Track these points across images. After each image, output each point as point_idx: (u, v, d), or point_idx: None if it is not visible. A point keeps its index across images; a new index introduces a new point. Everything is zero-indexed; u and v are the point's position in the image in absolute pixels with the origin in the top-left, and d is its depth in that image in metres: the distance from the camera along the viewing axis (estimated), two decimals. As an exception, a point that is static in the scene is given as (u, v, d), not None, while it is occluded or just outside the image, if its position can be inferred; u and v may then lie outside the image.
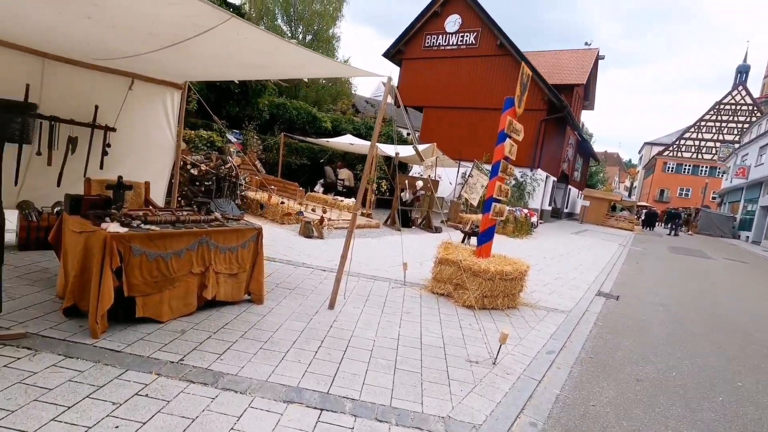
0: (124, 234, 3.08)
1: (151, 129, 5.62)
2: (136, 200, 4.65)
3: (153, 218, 3.48)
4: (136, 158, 5.54)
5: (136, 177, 5.40)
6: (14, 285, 3.70)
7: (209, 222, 3.87)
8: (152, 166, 5.74)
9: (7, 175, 4.46)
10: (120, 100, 5.18)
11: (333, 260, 6.40)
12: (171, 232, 3.39)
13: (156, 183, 5.76)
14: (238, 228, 3.95)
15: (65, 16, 2.82)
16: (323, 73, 4.56)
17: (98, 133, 5.06)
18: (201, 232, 3.61)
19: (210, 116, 13.18)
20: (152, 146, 5.69)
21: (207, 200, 4.07)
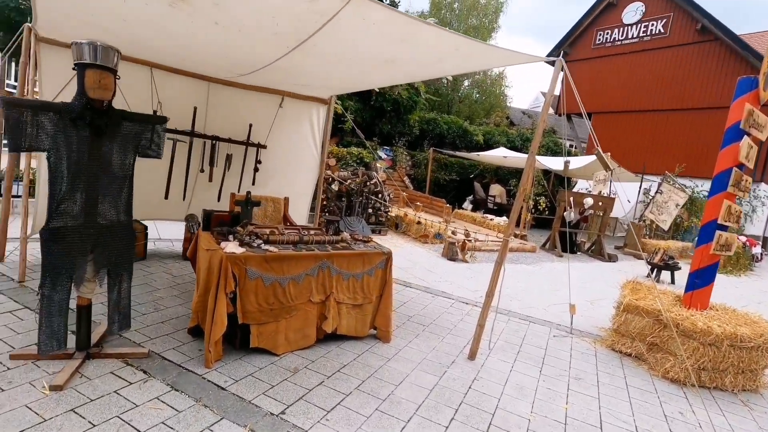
0: (239, 255, 2.80)
1: (297, 145, 5.67)
2: (275, 216, 4.58)
3: (275, 238, 3.17)
4: (283, 174, 5.63)
5: (282, 192, 5.44)
6: (165, 296, 3.86)
7: (334, 243, 3.42)
8: (298, 182, 5.78)
9: (177, 190, 4.90)
10: (271, 118, 5.32)
11: (478, 290, 5.45)
12: (289, 254, 3.01)
13: (300, 198, 5.78)
14: (365, 252, 3.40)
15: (198, 22, 2.70)
16: (473, 65, 3.77)
17: (251, 150, 5.26)
18: (322, 256, 3.16)
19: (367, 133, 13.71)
20: (298, 162, 5.73)
21: (335, 218, 3.66)
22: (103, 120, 2.37)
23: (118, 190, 2.55)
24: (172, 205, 5.11)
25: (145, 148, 2.63)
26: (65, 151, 2.29)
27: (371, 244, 3.64)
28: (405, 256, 6.89)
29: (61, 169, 2.30)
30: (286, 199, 4.67)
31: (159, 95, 4.62)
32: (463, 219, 11.35)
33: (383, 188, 8.52)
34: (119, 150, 2.51)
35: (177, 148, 4.75)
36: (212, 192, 5.22)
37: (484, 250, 8.28)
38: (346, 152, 10.20)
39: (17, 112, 2.09)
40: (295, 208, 5.65)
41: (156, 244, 5.64)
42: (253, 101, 5.21)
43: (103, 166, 2.44)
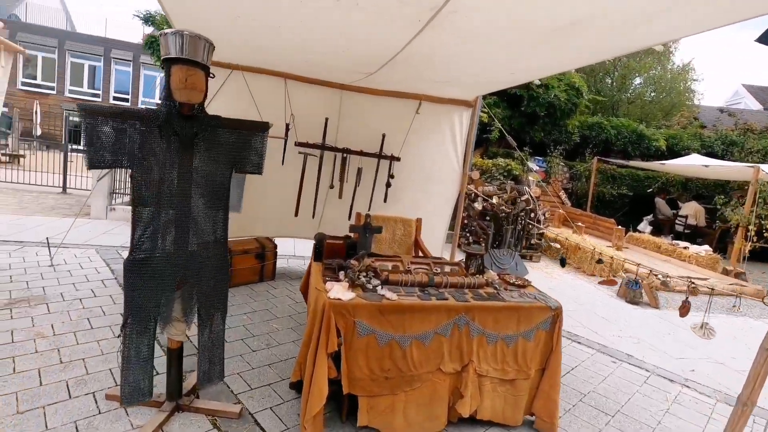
0: (346, 303, 2.08)
1: (435, 156, 4.88)
2: (405, 241, 3.85)
3: (397, 277, 2.39)
4: (418, 190, 4.91)
5: (418, 209, 4.73)
6: (281, 328, 3.45)
7: (476, 288, 2.47)
8: (434, 199, 4.98)
9: (307, 207, 4.59)
10: (406, 127, 4.65)
11: (685, 358, 3.79)
12: (414, 305, 2.18)
13: (435, 218, 4.97)
14: (521, 304, 2.36)
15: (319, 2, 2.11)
16: (702, 23, 2.38)
17: (384, 163, 4.67)
18: (459, 308, 2.25)
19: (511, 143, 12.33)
20: (435, 176, 4.93)
21: (478, 251, 2.71)
22: (193, 128, 1.92)
23: (212, 212, 2.10)
24: (302, 223, 4.83)
25: (245, 160, 2.13)
26: (151, 167, 1.90)
27: (529, 292, 2.58)
28: (567, 293, 5.46)
29: (146, 187, 1.92)
30: (418, 221, 3.90)
31: (292, 107, 4.37)
32: (640, 244, 9.01)
33: (536, 205, 7.15)
34: (214, 163, 2.05)
35: (308, 162, 4.43)
36: (342, 209, 4.78)
37: (679, 290, 6.17)
38: (491, 164, 9.10)
39: (96, 121, 1.76)
40: (430, 230, 4.85)
41: (289, 262, 5.49)
42: (387, 108, 4.63)
43: (194, 184, 2.00)
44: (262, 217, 4.78)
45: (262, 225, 4.84)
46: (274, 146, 4.40)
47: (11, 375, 2.40)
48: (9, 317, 3.06)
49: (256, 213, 4.69)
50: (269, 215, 4.80)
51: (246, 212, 4.41)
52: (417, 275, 2.48)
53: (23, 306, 3.25)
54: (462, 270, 2.79)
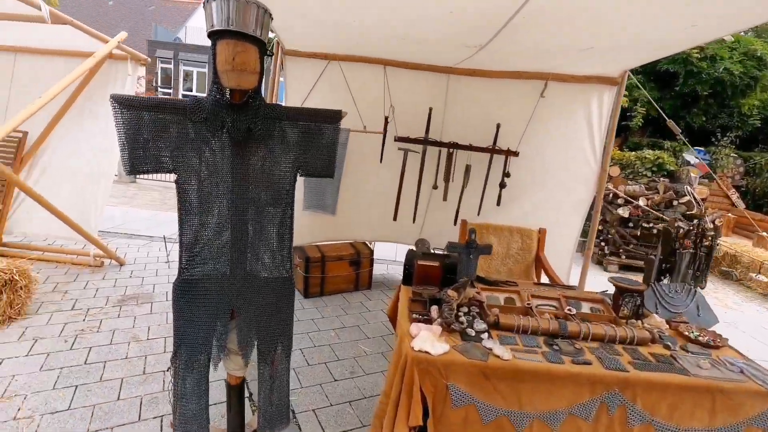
0: (436, 359, 1.48)
1: (563, 149, 3.94)
2: (523, 258, 3.07)
3: (510, 321, 1.70)
4: (540, 191, 4.03)
5: (537, 218, 3.89)
6: (371, 352, 2.99)
7: (635, 345, 1.65)
8: (561, 203, 4.04)
9: (407, 211, 4.07)
10: (526, 114, 3.82)
11: None
12: (537, 369, 1.48)
13: (561, 227, 4.03)
14: (717, 383, 1.48)
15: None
16: None
17: (497, 159, 3.91)
18: (610, 379, 1.47)
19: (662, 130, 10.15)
20: (563, 174, 3.99)
21: (637, 288, 1.86)
22: (246, 120, 1.52)
23: (275, 225, 1.69)
24: (401, 228, 4.34)
25: (312, 161, 1.68)
26: (198, 171, 1.55)
27: (729, 357, 1.65)
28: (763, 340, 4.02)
29: (193, 196, 1.58)
30: (541, 233, 3.09)
31: (392, 98, 3.89)
32: None
33: (702, 209, 5.55)
34: (275, 165, 1.63)
35: (408, 159, 3.91)
36: (447, 213, 4.15)
37: None
38: (634, 157, 7.48)
39: (133, 116, 1.45)
40: (555, 244, 3.94)
41: (389, 268, 5.07)
42: (503, 93, 3.85)
43: (252, 189, 1.61)
44: (358, 221, 4.41)
45: (357, 229, 4.48)
46: (371, 143, 3.99)
47: (97, 383, 2.34)
48: (117, 315, 3.16)
49: (352, 216, 4.34)
50: (366, 218, 4.41)
51: (341, 215, 4.08)
52: (542, 319, 1.76)
53: (131, 304, 3.35)
54: (608, 310, 1.96)
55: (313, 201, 3.96)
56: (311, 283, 3.78)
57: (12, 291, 2.88)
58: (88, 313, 3.12)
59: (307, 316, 3.44)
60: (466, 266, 1.98)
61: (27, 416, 2.05)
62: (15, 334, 2.75)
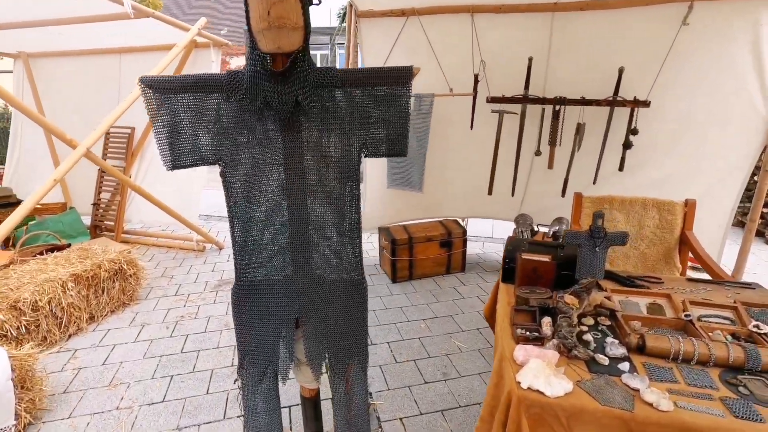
0: (552, 402, 1.06)
1: (715, 94, 3.01)
2: (662, 238, 2.38)
3: (660, 344, 1.20)
4: (677, 151, 3.18)
5: (672, 187, 3.14)
6: (466, 348, 2.63)
7: None
8: (710, 164, 3.16)
9: (505, 183, 3.52)
10: (660, 52, 2.96)
11: None
12: (719, 426, 0.98)
13: (713, 196, 3.16)
14: None
15: None
16: None
17: (619, 114, 3.13)
18: None
19: None
20: (714, 126, 3.07)
21: None
22: (292, 91, 1.21)
23: (340, 217, 1.39)
24: (498, 203, 3.82)
25: (379, 134, 1.32)
26: (244, 157, 1.30)
27: None
28: None
29: (242, 188, 1.33)
30: (689, 205, 2.36)
31: (482, 51, 3.32)
32: None
33: None
34: (334, 143, 1.31)
35: (504, 122, 3.34)
36: (553, 184, 3.52)
37: None
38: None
39: (166, 101, 1.23)
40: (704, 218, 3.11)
41: (484, 247, 4.58)
42: (627, 27, 3.04)
43: (309, 176, 1.32)
44: (448, 197, 3.98)
45: (448, 206, 4.05)
46: (460, 108, 3.49)
47: (190, 374, 2.37)
48: (213, 301, 3.24)
49: (441, 192, 3.92)
50: (457, 194, 3.96)
51: (428, 191, 3.69)
52: (713, 342, 1.21)
53: (226, 289, 3.43)
54: (822, 326, 1.31)
55: (397, 177, 3.63)
56: (399, 267, 3.51)
57: (123, 279, 3.09)
58: (188, 299, 3.25)
59: (395, 304, 3.19)
60: (589, 262, 1.48)
61: (127, 406, 2.11)
62: (127, 320, 2.95)
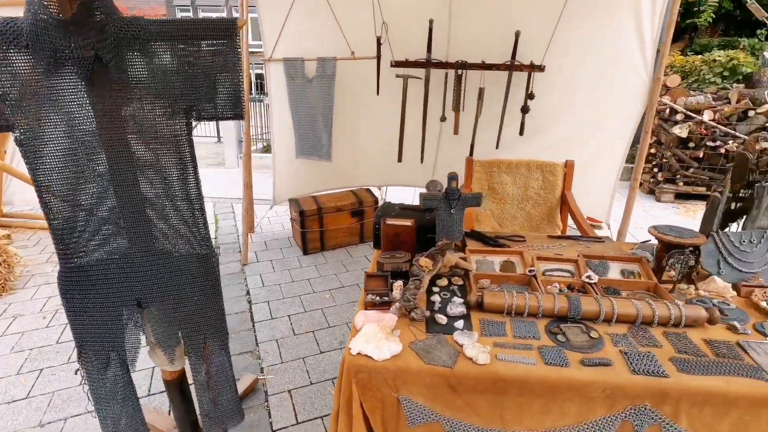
0: (378, 366, 1.05)
1: (603, 58, 3.14)
2: (545, 198, 2.49)
3: (495, 300, 1.23)
4: (572, 114, 3.32)
5: (570, 148, 3.31)
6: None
7: (683, 326, 1.14)
8: (602, 125, 3.33)
9: (413, 149, 3.52)
10: (552, 18, 3.01)
11: None
12: (527, 376, 1.02)
13: (605, 154, 3.36)
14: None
15: None
16: None
17: (518, 78, 3.19)
18: (639, 389, 1.00)
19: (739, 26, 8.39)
20: (603, 89, 3.22)
21: (690, 244, 1.30)
22: (88, 44, 1.04)
23: (174, 189, 1.27)
24: (409, 170, 3.82)
25: (203, 97, 1.20)
26: (47, 123, 1.13)
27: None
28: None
29: (50, 158, 1.17)
30: (568, 166, 2.47)
31: (383, 13, 3.20)
32: None
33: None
34: (153, 107, 1.17)
35: (410, 87, 3.29)
36: (461, 149, 3.55)
37: None
38: (701, 61, 6.21)
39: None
40: (595, 177, 3.32)
41: (403, 214, 4.60)
42: (523, -9, 3.05)
43: (130, 144, 1.18)
44: (360, 165, 3.92)
45: (361, 174, 3.99)
46: (365, 72, 3.38)
47: (64, 365, 2.18)
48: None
49: (353, 160, 3.85)
50: (369, 162, 3.90)
51: (339, 160, 3.60)
52: (545, 294, 1.27)
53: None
54: (647, 273, 1.42)
55: (305, 147, 3.50)
56: (309, 238, 3.44)
57: (-10, 268, 2.76)
58: (74, 285, 2.98)
59: (303, 276, 3.13)
60: (446, 224, 1.49)
61: (-18, 407, 1.91)
62: (-3, 313, 2.65)
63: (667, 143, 4.92)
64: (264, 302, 2.75)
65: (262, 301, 2.76)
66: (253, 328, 2.48)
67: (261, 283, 3.01)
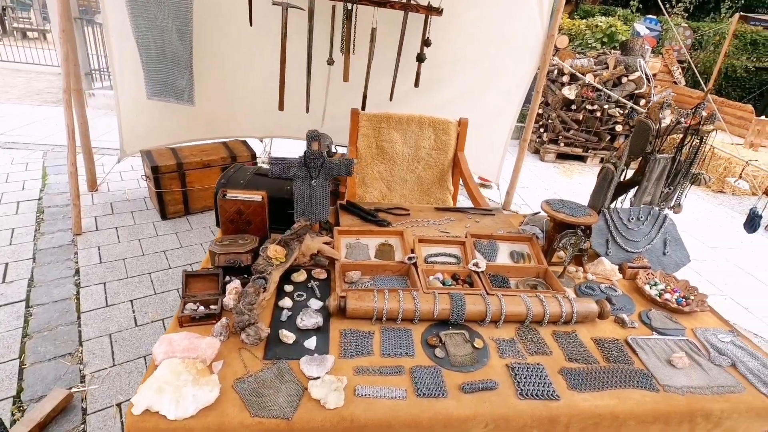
0: (178, 427, 0.70)
1: (504, 7, 2.93)
2: (438, 160, 2.26)
3: (361, 305, 0.94)
4: (470, 66, 3.10)
5: (466, 103, 3.08)
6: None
7: (574, 322, 0.98)
8: (499, 79, 3.18)
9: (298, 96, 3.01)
10: (454, -51, 2.66)
11: None
12: (387, 420, 0.76)
13: (501, 112, 3.24)
14: (692, 397, 0.86)
15: None
16: None
17: (414, 21, 2.83)
18: (526, 419, 0.80)
19: None
20: (501, 40, 3.04)
21: (581, 223, 1.14)
22: None
23: None
24: (294, 120, 3.30)
25: None
26: None
27: (707, 329, 1.03)
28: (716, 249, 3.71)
29: None
30: (462, 124, 2.25)
31: None
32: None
33: (652, 87, 4.92)
34: None
35: (292, 20, 2.73)
36: (354, 99, 3.15)
37: None
38: (585, 26, 6.52)
39: None
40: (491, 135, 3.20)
41: (291, 170, 4.12)
42: None
43: None
44: (235, 112, 3.30)
45: (236, 123, 3.38)
46: (235, -4, 2.72)
47: None
48: None
49: (222, 105, 3.21)
50: (244, 109, 3.30)
51: (205, 105, 2.96)
52: (425, 291, 1.01)
53: None
54: (537, 256, 1.25)
55: (158, 85, 2.77)
56: (169, 200, 2.82)
57: None
58: None
59: (158, 247, 2.56)
60: (305, 199, 1.13)
61: None
62: None
63: (553, 104, 5.09)
64: (98, 284, 2.17)
65: (95, 283, 2.17)
66: (78, 320, 1.93)
67: (98, 258, 2.38)
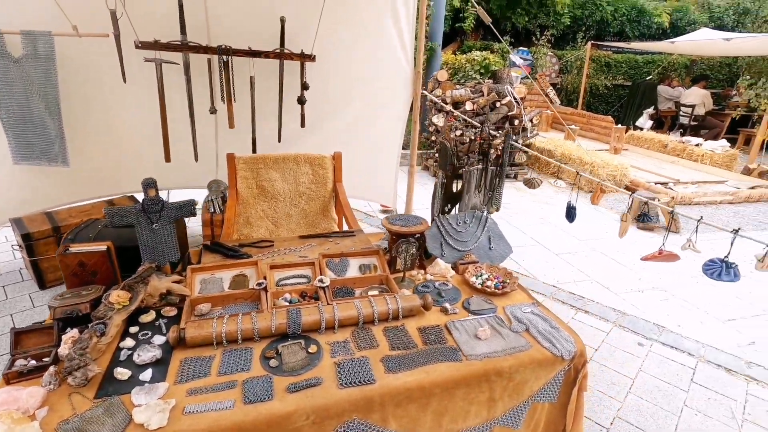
0: None
1: (371, 51, 3.25)
2: (318, 193, 2.41)
3: (199, 332, 1.01)
4: (350, 104, 3.36)
5: (353, 137, 3.32)
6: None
7: (402, 317, 1.14)
8: (380, 113, 3.46)
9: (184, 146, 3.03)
10: (317, 6, 2.94)
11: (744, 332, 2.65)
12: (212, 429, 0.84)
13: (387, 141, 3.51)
14: (488, 362, 1.05)
15: None
16: None
17: (290, 68, 3.04)
18: (345, 405, 0.92)
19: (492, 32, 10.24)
20: (374, 79, 3.35)
21: (412, 233, 1.33)
22: None
23: None
24: (185, 170, 3.30)
25: None
26: None
27: (514, 306, 1.25)
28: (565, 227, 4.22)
29: None
30: (335, 158, 2.44)
31: (117, -18, 2.60)
32: (642, 144, 7.68)
33: (522, 108, 5.61)
34: None
35: (169, 75, 2.79)
36: (244, 143, 3.23)
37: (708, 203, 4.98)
38: (465, 60, 7.32)
39: None
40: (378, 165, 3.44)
41: (191, 222, 4.06)
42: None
43: None
44: (120, 168, 3.22)
45: (122, 179, 3.29)
46: (106, 52, 2.73)
47: None
48: None
49: (106, 162, 3.13)
50: (129, 163, 3.24)
51: (85, 163, 2.88)
52: (260, 315, 1.11)
53: None
54: (382, 265, 1.42)
55: (24, 149, 2.65)
56: (46, 268, 2.65)
57: None
58: None
59: (32, 319, 2.38)
60: (149, 243, 1.20)
61: None
62: None
63: (443, 130, 5.59)
64: (-42, 370, 1.96)
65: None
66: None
67: (-41, 341, 2.16)
